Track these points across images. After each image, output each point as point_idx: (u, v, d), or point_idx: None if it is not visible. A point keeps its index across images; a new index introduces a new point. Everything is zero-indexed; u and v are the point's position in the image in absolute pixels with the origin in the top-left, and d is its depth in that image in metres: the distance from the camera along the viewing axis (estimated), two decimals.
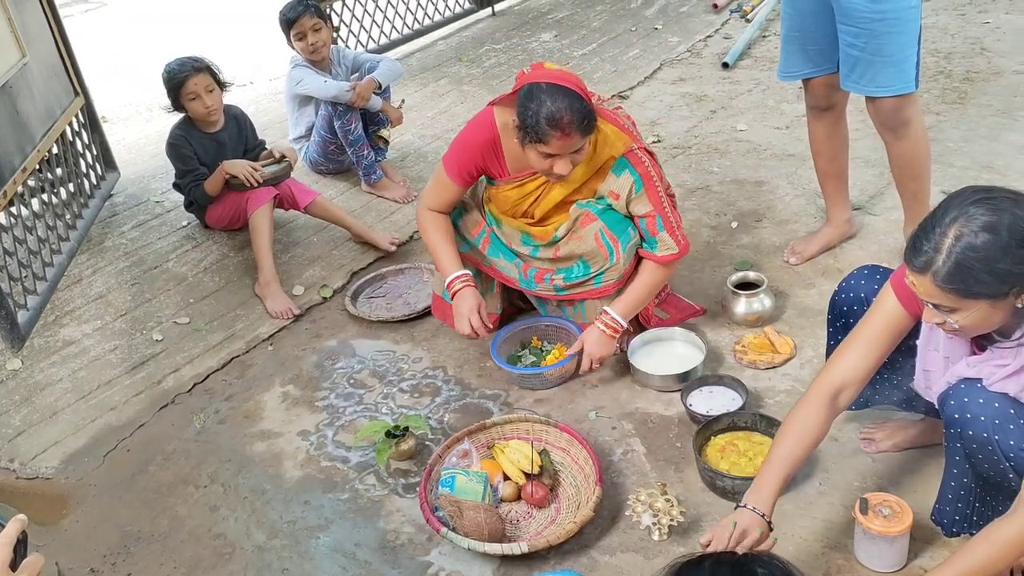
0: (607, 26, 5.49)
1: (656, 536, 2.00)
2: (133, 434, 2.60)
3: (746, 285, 2.73)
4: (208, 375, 2.81)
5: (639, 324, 2.65)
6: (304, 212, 3.38)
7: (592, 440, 2.31)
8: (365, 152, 3.68)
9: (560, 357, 2.58)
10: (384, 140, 3.81)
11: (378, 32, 5.23)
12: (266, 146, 3.46)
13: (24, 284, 3.01)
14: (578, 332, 2.59)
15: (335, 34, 4.67)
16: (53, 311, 3.08)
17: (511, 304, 2.82)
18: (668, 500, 2.01)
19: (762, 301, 2.67)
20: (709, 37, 5.19)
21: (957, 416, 1.66)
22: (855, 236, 3.02)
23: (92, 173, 3.78)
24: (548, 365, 2.56)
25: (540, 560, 2.01)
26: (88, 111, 3.79)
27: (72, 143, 3.60)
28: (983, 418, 1.62)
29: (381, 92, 3.69)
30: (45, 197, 3.32)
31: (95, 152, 3.84)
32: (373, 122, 3.75)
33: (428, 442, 2.43)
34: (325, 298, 3.15)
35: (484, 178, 2.58)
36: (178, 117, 3.29)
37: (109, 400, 2.73)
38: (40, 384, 2.80)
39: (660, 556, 1.98)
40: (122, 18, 8.13)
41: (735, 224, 3.24)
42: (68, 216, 3.45)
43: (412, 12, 5.45)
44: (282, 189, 3.30)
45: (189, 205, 3.42)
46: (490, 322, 2.49)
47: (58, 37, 3.56)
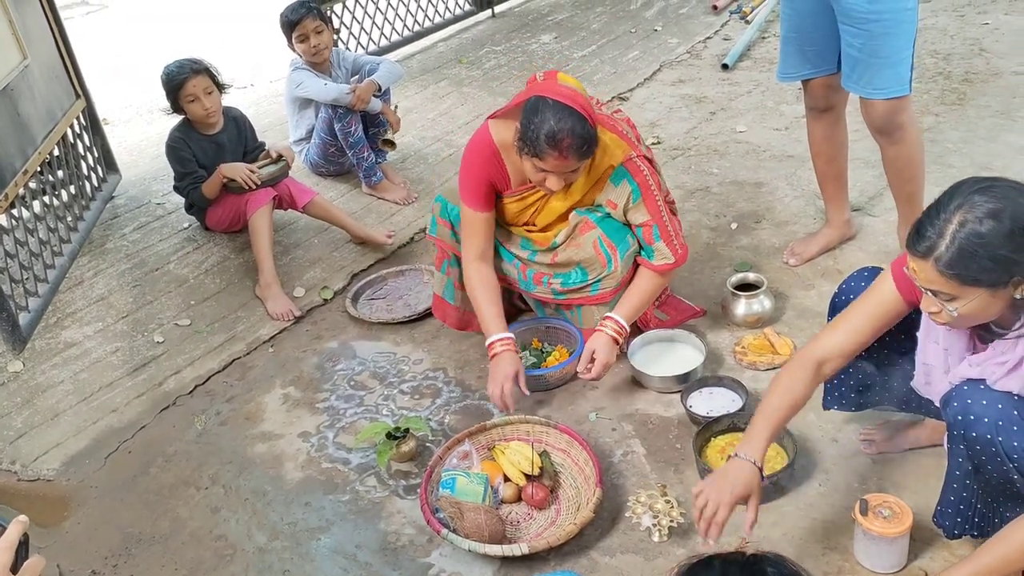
0: (607, 28, 5.50)
1: (656, 537, 2.01)
2: (134, 436, 2.60)
3: (746, 286, 2.73)
4: (209, 377, 2.82)
5: (636, 326, 2.65)
6: (302, 211, 3.38)
7: (592, 441, 2.31)
8: (365, 154, 3.69)
9: (561, 359, 2.59)
10: (391, 144, 3.81)
11: (378, 34, 5.23)
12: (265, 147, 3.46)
13: (25, 286, 3.01)
14: (578, 334, 2.60)
15: (335, 36, 4.67)
16: (54, 313, 3.09)
17: (511, 305, 2.82)
18: (668, 501, 2.01)
19: (762, 302, 2.68)
20: (708, 39, 5.19)
21: (960, 418, 1.65)
22: (854, 237, 3.02)
23: (93, 175, 3.78)
24: (549, 367, 2.56)
25: (540, 561, 2.02)
26: (89, 113, 3.79)
27: (73, 145, 3.60)
28: (987, 420, 1.61)
29: (381, 94, 3.70)
30: (46, 199, 3.32)
31: (96, 154, 3.84)
32: (373, 124, 3.75)
33: (429, 444, 2.43)
34: (326, 300, 3.16)
35: None
36: (178, 119, 3.29)
37: (110, 402, 2.73)
38: (41, 386, 2.80)
39: (660, 557, 1.98)
40: (123, 20, 8.13)
41: (734, 225, 3.25)
42: (69, 218, 3.45)
43: (412, 14, 5.45)
44: (280, 189, 3.30)
45: (190, 207, 3.42)
46: (526, 389, 2.41)
47: (59, 39, 3.56)
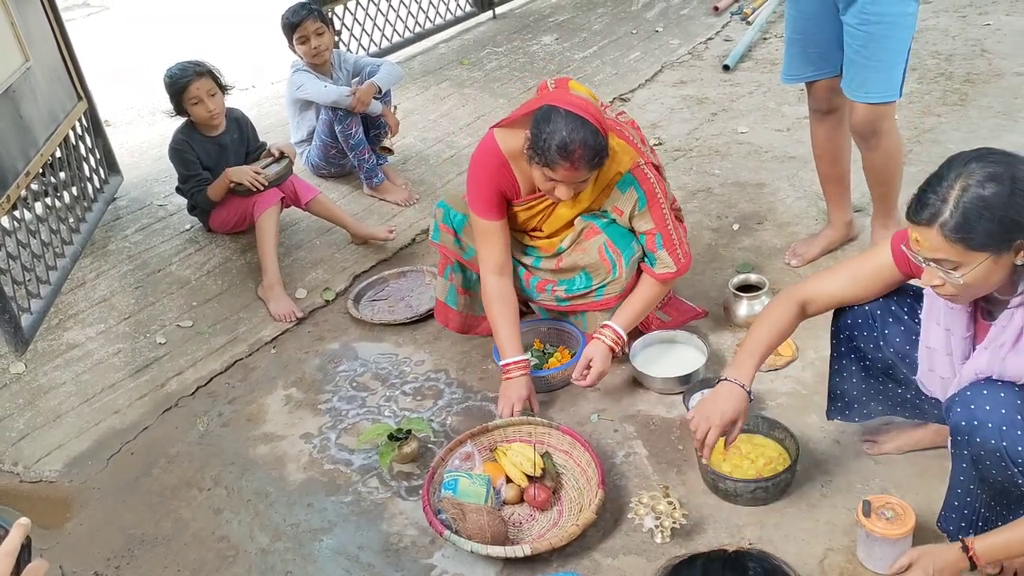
0: (608, 29, 5.50)
1: (659, 538, 2.01)
2: (136, 437, 2.60)
3: (747, 287, 2.74)
4: (211, 378, 2.82)
5: (638, 328, 2.65)
6: (304, 209, 3.38)
7: (594, 443, 2.31)
8: (366, 156, 3.69)
9: (563, 360, 2.59)
10: (388, 151, 3.82)
11: (379, 35, 5.24)
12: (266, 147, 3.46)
13: (28, 288, 3.01)
14: (580, 335, 2.60)
15: (336, 38, 4.68)
16: (57, 315, 3.09)
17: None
18: (670, 502, 2.01)
19: (763, 303, 2.68)
20: (710, 39, 5.20)
21: (964, 423, 1.65)
22: (856, 239, 3.02)
23: (95, 177, 3.78)
24: (551, 368, 2.56)
25: (543, 563, 2.02)
26: (91, 115, 3.79)
27: (75, 147, 3.60)
28: (991, 425, 1.61)
29: (382, 96, 3.70)
30: (48, 201, 3.32)
31: (98, 156, 3.84)
32: (374, 126, 3.75)
33: (431, 445, 2.43)
34: (328, 301, 3.16)
35: None
36: (180, 121, 3.29)
37: (113, 403, 2.73)
38: (44, 387, 2.80)
39: (663, 558, 1.98)
40: (124, 21, 8.14)
41: (736, 226, 3.25)
42: (71, 220, 3.45)
43: (413, 15, 5.45)
44: (285, 187, 3.31)
45: (192, 209, 3.42)
46: (538, 408, 2.45)
47: (61, 41, 3.56)
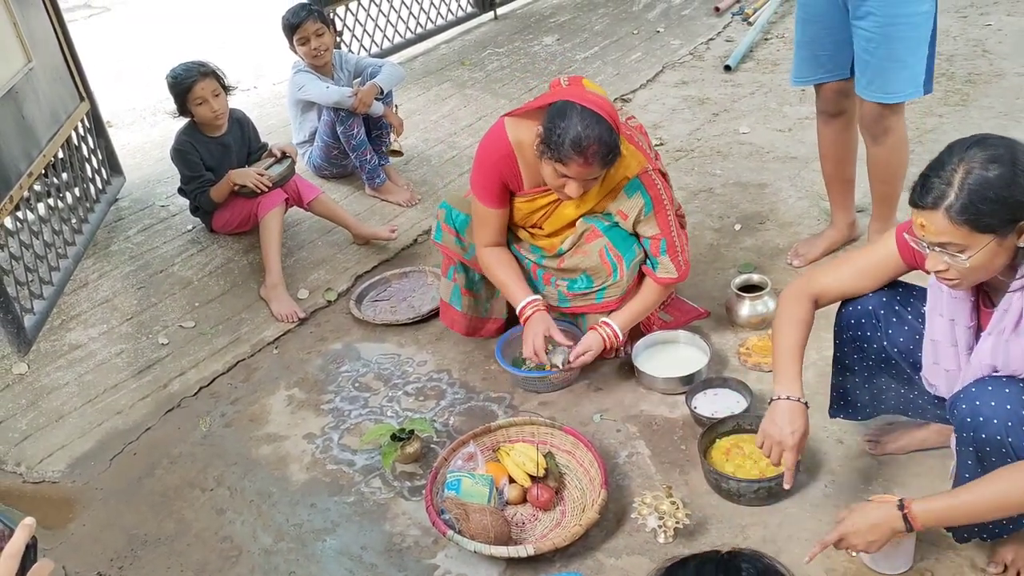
0: (609, 29, 5.50)
1: (662, 539, 2.01)
2: (139, 438, 2.61)
3: (750, 287, 2.74)
4: (214, 379, 2.82)
5: (640, 329, 2.65)
6: (307, 208, 3.39)
7: (597, 443, 2.31)
8: (368, 156, 3.69)
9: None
10: (397, 153, 3.83)
11: (380, 36, 5.24)
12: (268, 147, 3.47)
13: (31, 289, 3.01)
14: (583, 336, 2.60)
15: (339, 38, 4.68)
16: (59, 315, 3.09)
17: None
18: (673, 502, 2.01)
19: (766, 303, 2.68)
20: (711, 40, 5.20)
21: (969, 420, 1.65)
22: (858, 239, 3.02)
23: (97, 178, 3.78)
24: (553, 369, 2.56)
25: (546, 563, 2.02)
26: (93, 116, 3.79)
27: (78, 148, 3.60)
28: (996, 421, 1.61)
29: (383, 97, 3.70)
30: (51, 202, 3.32)
31: (100, 157, 3.84)
32: (376, 127, 3.75)
33: (433, 445, 2.44)
34: (330, 301, 3.16)
35: None
36: (182, 122, 3.29)
37: (115, 404, 2.73)
38: (46, 388, 2.80)
39: (666, 558, 1.98)
40: (125, 22, 8.14)
41: (738, 227, 3.25)
42: (74, 221, 3.46)
43: (415, 16, 5.46)
44: (288, 187, 3.32)
45: (195, 210, 3.42)
46: (565, 340, 2.46)
47: (63, 42, 3.56)
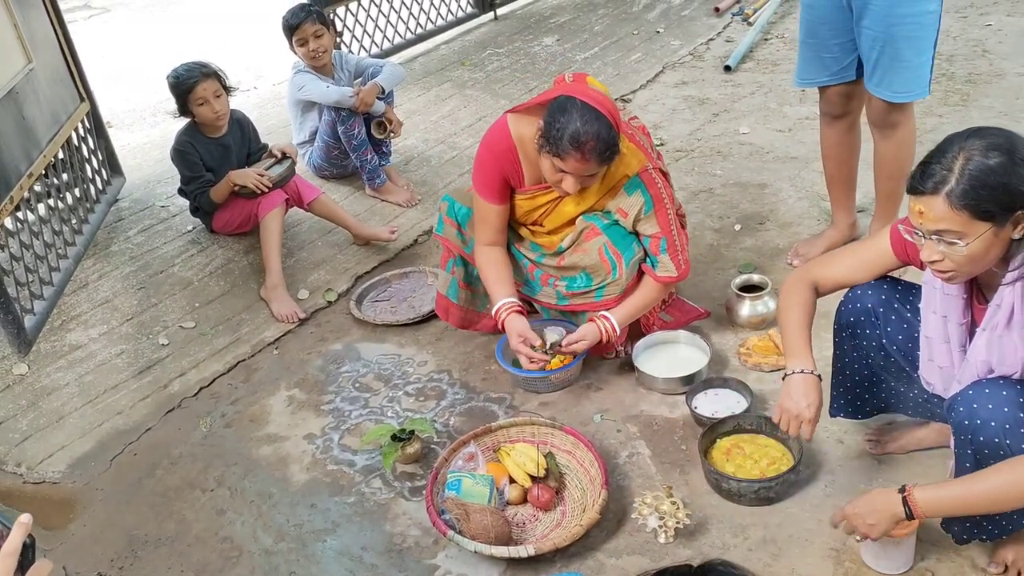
0: (609, 30, 5.50)
1: (662, 539, 2.01)
2: (140, 438, 2.61)
3: (750, 288, 2.74)
4: (214, 379, 2.82)
5: (640, 329, 2.65)
6: (307, 209, 3.39)
7: (597, 443, 2.31)
8: (369, 157, 3.69)
9: (565, 361, 2.58)
10: (383, 127, 3.67)
11: (380, 37, 5.24)
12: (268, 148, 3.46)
13: (31, 289, 3.01)
14: None
15: (339, 39, 4.68)
16: (60, 316, 3.09)
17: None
18: (674, 503, 2.01)
19: (766, 303, 2.68)
20: (711, 40, 5.20)
21: (967, 423, 1.65)
22: (859, 239, 3.02)
23: (98, 178, 3.79)
24: (553, 369, 2.56)
25: (546, 563, 2.02)
26: (93, 116, 3.80)
27: (78, 148, 3.60)
28: (993, 423, 1.61)
29: (384, 97, 3.70)
30: (51, 202, 3.32)
31: (100, 157, 3.85)
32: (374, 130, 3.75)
33: (434, 445, 2.44)
34: (330, 302, 3.16)
35: None
36: (183, 122, 3.29)
37: (116, 404, 2.73)
38: (47, 389, 2.80)
39: (666, 559, 1.98)
40: (125, 23, 8.14)
41: (738, 227, 3.25)
42: (74, 221, 3.46)
43: (415, 17, 5.46)
44: (288, 187, 3.32)
45: (195, 210, 3.42)
46: (540, 337, 2.46)
47: (63, 43, 3.57)
